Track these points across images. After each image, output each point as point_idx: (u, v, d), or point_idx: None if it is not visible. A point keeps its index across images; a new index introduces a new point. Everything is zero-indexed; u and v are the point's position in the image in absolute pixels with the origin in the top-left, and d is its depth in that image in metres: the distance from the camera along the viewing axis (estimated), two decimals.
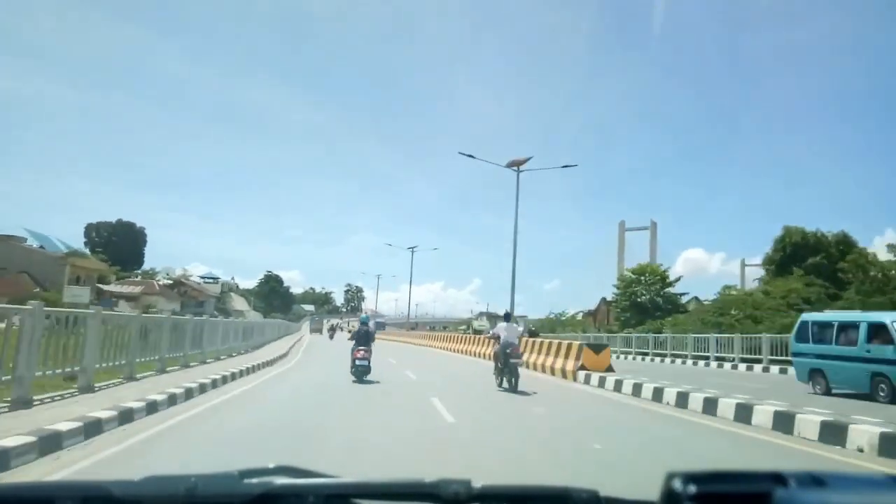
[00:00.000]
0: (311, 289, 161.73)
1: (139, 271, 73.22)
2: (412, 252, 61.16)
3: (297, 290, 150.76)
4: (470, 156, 30.50)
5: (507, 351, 12.56)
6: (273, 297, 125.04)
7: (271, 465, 1.03)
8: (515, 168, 28.58)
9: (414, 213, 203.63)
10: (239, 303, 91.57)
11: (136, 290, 58.45)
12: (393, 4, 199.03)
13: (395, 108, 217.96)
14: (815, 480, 0.74)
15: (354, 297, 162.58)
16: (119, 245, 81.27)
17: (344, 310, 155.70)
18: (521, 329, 47.56)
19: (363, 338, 13.79)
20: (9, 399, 7.13)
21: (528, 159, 29.04)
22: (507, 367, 12.60)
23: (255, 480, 0.96)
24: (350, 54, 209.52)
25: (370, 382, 13.06)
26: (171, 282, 73.38)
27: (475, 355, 27.82)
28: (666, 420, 9.58)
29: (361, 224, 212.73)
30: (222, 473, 1.00)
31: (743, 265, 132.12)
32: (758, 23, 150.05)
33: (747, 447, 7.47)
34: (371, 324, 15.72)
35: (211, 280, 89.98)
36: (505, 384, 12.66)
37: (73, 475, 4.82)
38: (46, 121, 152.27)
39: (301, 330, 69.58)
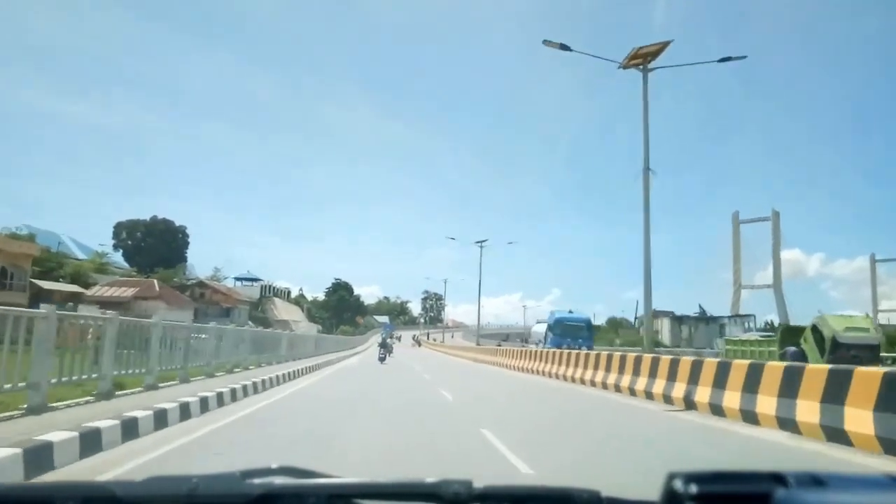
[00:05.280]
0: (386, 298, 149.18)
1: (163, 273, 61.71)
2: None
3: (371, 301, 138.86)
4: (564, 46, 19.80)
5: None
6: (342, 307, 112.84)
7: (273, 466, 0.99)
8: (640, 68, 19.13)
9: (493, 223, 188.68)
10: (287, 311, 75.70)
11: (128, 292, 46.08)
12: (471, 19, 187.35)
13: (473, 118, 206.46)
14: (815, 481, 0.73)
15: (434, 305, 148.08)
16: (154, 246, 71.31)
17: (422, 320, 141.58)
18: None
19: (384, 344, 29.35)
20: None
21: (668, 43, 18.80)
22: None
23: (256, 481, 0.94)
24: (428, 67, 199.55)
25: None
26: (191, 284, 60.68)
27: None
28: None
29: (440, 236, 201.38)
30: (224, 474, 0.98)
31: (873, 261, 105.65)
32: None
33: None
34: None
35: (249, 283, 75.70)
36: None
37: None
38: (148, 146, 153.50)
39: (364, 344, 56.46)
